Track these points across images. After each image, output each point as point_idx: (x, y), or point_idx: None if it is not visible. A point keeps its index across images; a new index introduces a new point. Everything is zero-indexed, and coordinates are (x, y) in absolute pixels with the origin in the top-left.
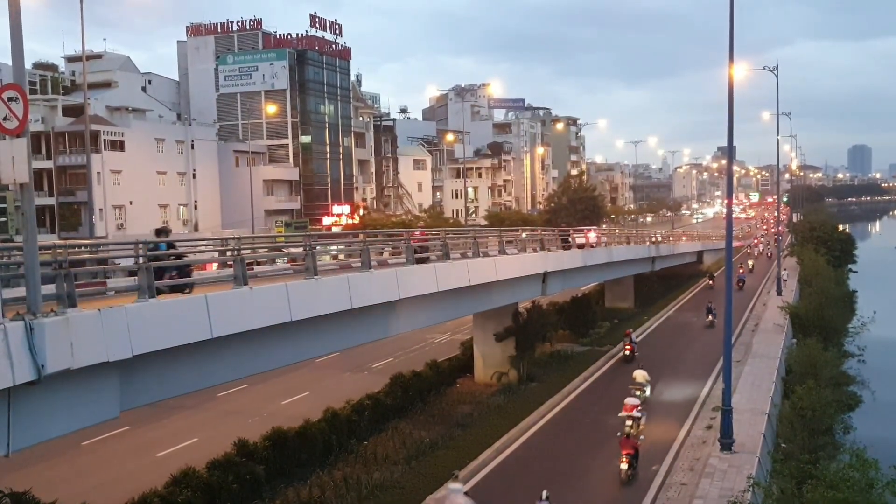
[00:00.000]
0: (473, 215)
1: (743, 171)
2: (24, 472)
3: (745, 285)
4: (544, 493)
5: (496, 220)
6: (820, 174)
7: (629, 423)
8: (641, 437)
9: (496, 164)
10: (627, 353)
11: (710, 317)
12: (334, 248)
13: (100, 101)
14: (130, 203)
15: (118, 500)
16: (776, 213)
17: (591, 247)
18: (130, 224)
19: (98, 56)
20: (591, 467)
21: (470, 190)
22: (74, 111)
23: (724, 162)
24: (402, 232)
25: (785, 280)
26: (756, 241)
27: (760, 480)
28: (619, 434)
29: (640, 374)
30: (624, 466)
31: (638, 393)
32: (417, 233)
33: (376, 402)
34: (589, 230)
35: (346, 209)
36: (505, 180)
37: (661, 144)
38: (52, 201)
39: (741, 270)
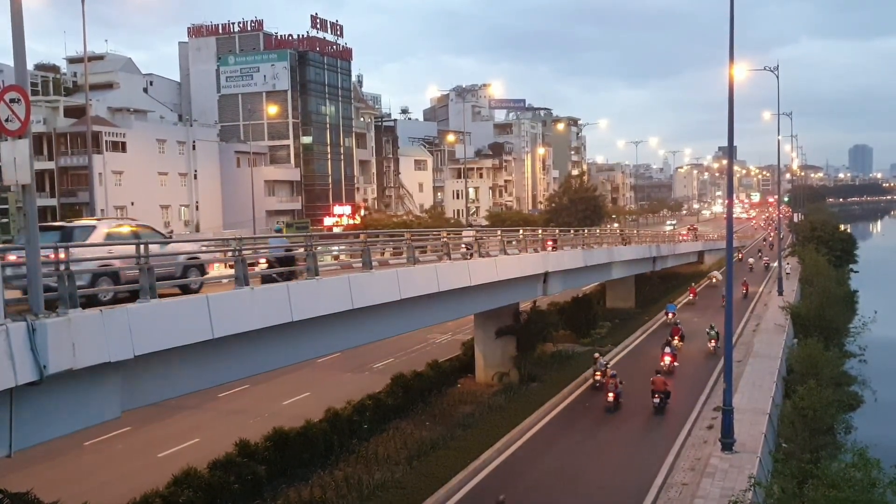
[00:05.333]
0: (475, 215)
1: (744, 171)
2: (26, 472)
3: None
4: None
5: (497, 220)
6: (821, 174)
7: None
8: None
9: (497, 164)
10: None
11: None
12: (335, 248)
13: (101, 102)
14: (132, 204)
15: (120, 499)
16: (777, 213)
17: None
18: None
19: (100, 57)
20: (589, 467)
21: (471, 190)
22: (76, 112)
23: (724, 162)
24: (402, 232)
25: (788, 273)
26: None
27: (761, 480)
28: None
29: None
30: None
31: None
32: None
33: (377, 402)
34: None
35: (347, 210)
36: (506, 180)
37: (663, 144)
38: (53, 202)
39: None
